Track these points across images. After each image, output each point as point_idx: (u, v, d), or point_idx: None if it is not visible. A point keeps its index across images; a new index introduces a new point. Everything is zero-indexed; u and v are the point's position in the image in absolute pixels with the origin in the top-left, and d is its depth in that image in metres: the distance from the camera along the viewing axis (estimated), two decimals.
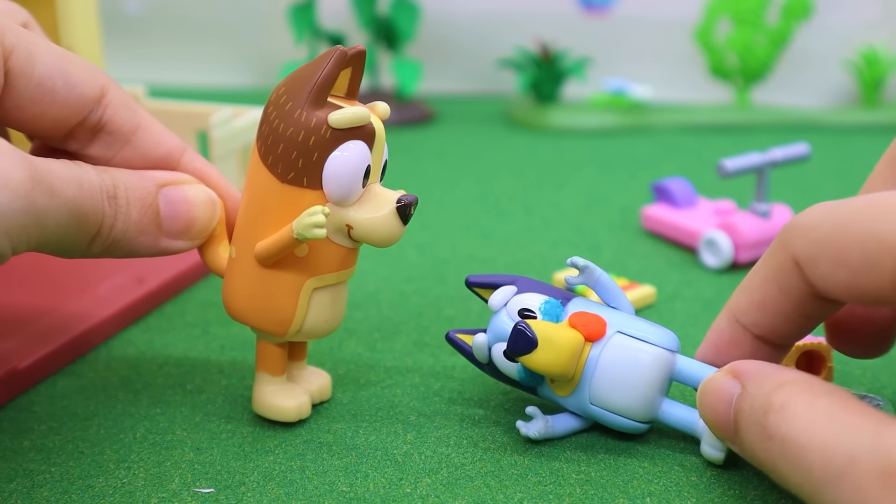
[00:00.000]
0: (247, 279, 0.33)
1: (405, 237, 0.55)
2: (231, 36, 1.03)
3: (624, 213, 0.60)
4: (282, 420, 0.35)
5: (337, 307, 0.34)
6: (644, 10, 0.94)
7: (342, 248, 0.33)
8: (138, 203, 0.33)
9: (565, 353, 0.31)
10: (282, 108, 0.31)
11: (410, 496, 0.31)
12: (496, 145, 0.79)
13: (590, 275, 0.34)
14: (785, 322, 0.30)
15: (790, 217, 0.51)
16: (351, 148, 0.31)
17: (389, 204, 0.32)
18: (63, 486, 0.31)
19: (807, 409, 0.26)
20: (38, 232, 0.29)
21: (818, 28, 0.90)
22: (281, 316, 0.33)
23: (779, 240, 0.30)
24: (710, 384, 0.30)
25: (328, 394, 0.37)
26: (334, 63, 0.31)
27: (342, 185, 0.31)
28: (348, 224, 0.32)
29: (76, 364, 0.40)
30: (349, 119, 0.31)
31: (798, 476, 0.25)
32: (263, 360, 0.35)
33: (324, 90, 0.31)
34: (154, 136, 0.35)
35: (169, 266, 0.46)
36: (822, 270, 0.28)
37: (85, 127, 0.34)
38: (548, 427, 0.34)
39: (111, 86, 0.34)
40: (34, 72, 0.32)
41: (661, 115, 0.85)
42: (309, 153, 0.31)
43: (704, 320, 0.44)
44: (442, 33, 0.98)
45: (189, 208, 0.34)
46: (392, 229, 0.32)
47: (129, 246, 0.33)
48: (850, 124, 0.85)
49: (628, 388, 0.32)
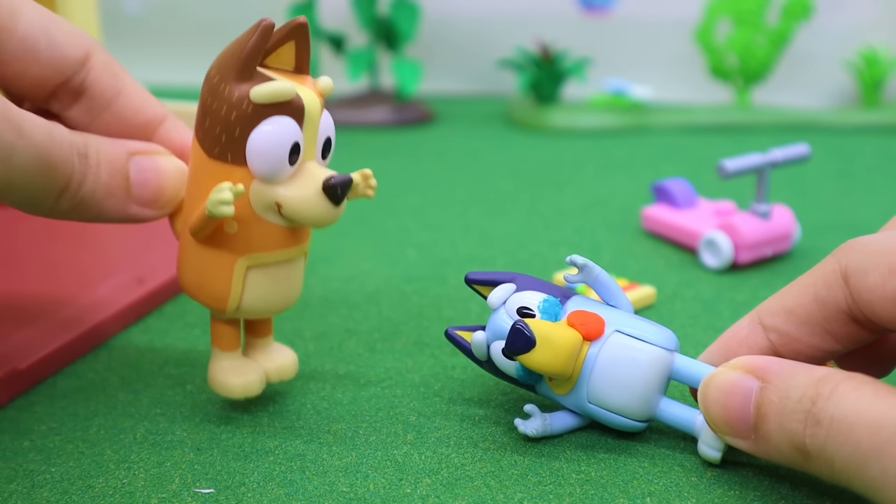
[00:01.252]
0: (187, 254, 0.33)
1: (405, 237, 0.55)
2: (231, 36, 1.02)
3: (624, 214, 0.60)
4: (227, 397, 0.34)
5: (281, 287, 0.33)
6: (644, 10, 0.94)
7: (277, 227, 0.32)
8: (108, 166, 0.33)
9: (563, 352, 0.31)
10: (210, 82, 0.31)
11: (410, 496, 0.31)
12: (496, 145, 0.79)
13: (588, 273, 0.34)
14: (807, 334, 0.31)
15: (790, 217, 0.51)
16: (275, 123, 0.30)
17: (317, 183, 0.30)
18: (63, 487, 0.31)
19: (854, 392, 0.27)
20: (2, 168, 0.29)
21: (818, 28, 0.90)
22: (217, 292, 0.32)
23: (831, 254, 0.31)
24: (718, 379, 0.30)
25: (289, 373, 0.36)
26: (259, 36, 0.30)
27: (266, 162, 0.30)
28: (277, 202, 0.31)
29: (76, 364, 0.40)
30: (270, 93, 0.29)
31: (845, 452, 0.26)
32: (214, 335, 0.34)
33: (249, 63, 0.30)
34: (134, 104, 0.35)
35: (169, 266, 0.46)
36: (872, 281, 0.28)
37: (67, 89, 0.34)
38: (546, 425, 0.34)
39: (97, 50, 0.34)
40: (17, 27, 0.32)
41: (661, 115, 0.85)
42: (231, 128, 0.30)
43: (704, 321, 0.44)
44: (442, 33, 0.98)
45: (158, 177, 0.34)
46: (321, 209, 0.31)
47: (97, 208, 0.33)
48: (850, 124, 0.85)
49: (626, 388, 0.32)
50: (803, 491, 0.31)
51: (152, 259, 0.47)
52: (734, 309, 0.45)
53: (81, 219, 0.33)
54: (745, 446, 0.30)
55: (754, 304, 0.46)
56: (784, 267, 0.51)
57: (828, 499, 0.30)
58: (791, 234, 0.51)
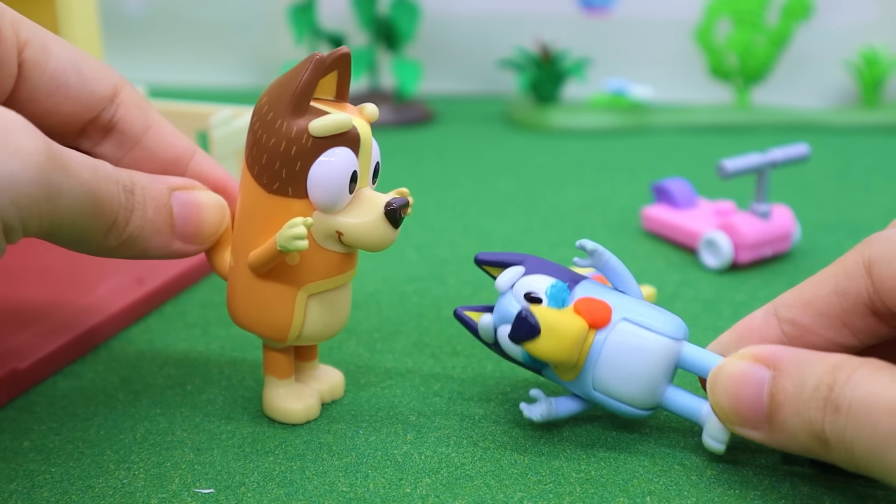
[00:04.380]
0: (244, 287, 0.33)
1: (405, 237, 0.55)
2: (231, 36, 1.03)
3: (624, 214, 0.60)
4: (290, 422, 0.35)
5: (337, 311, 0.34)
6: (644, 10, 0.94)
7: (335, 253, 0.32)
8: (153, 202, 0.32)
9: (568, 341, 0.31)
10: (264, 119, 0.31)
11: (410, 496, 0.31)
12: (496, 145, 0.79)
13: (598, 258, 0.34)
14: (824, 327, 0.31)
15: (790, 217, 0.51)
16: (335, 155, 0.30)
17: (378, 209, 0.31)
18: (63, 487, 0.31)
19: (871, 377, 0.26)
20: (50, 209, 0.28)
21: (818, 28, 0.90)
22: (278, 323, 0.33)
23: (854, 248, 0.30)
24: (728, 369, 0.30)
25: (340, 392, 0.37)
26: (312, 71, 0.30)
27: (328, 193, 0.31)
28: (338, 230, 0.32)
29: (76, 364, 0.40)
30: (329, 126, 0.30)
31: (865, 437, 0.26)
32: (269, 364, 0.35)
33: (303, 99, 0.30)
34: (165, 138, 0.35)
35: (169, 266, 0.46)
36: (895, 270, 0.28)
37: (97, 125, 0.34)
38: (551, 410, 0.34)
39: (125, 85, 0.34)
40: (48, 64, 0.32)
41: (661, 115, 0.86)
42: (292, 163, 0.30)
43: (704, 320, 0.44)
44: (442, 33, 0.98)
45: (199, 212, 0.34)
46: (382, 234, 0.32)
47: (144, 244, 0.33)
48: (850, 124, 0.85)
49: (632, 376, 0.32)
50: (803, 491, 0.31)
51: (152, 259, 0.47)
52: (734, 309, 0.45)
53: (127, 256, 0.33)
54: (757, 436, 0.29)
55: (754, 304, 0.46)
56: (784, 267, 0.51)
57: (827, 499, 0.30)
58: (791, 234, 0.51)
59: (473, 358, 0.40)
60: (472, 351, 0.41)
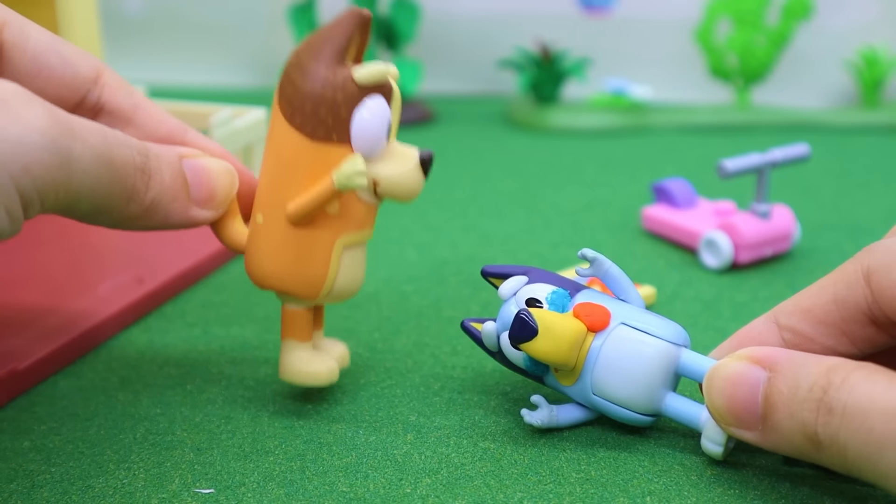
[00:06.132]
0: (278, 242, 0.33)
1: (405, 237, 0.55)
2: (231, 36, 1.03)
3: (624, 214, 0.60)
4: (313, 385, 0.35)
5: (360, 268, 0.35)
6: (644, 10, 0.94)
7: (366, 204, 0.33)
8: (169, 168, 0.32)
9: (565, 341, 0.31)
10: (305, 69, 0.32)
11: (410, 496, 0.31)
12: (496, 145, 0.79)
13: (599, 266, 0.34)
14: (823, 335, 0.31)
15: (790, 217, 0.51)
16: (376, 102, 0.32)
17: (413, 159, 0.33)
18: (63, 487, 0.31)
19: (866, 380, 0.26)
20: (64, 177, 0.28)
21: (818, 28, 0.90)
22: (314, 276, 0.33)
23: (853, 257, 0.30)
24: (723, 370, 0.30)
25: (347, 361, 0.37)
26: (355, 24, 0.32)
27: (370, 139, 0.32)
28: (374, 180, 0.33)
29: (76, 364, 0.40)
30: (374, 74, 0.32)
31: (859, 440, 0.26)
32: (291, 326, 0.35)
33: (346, 48, 0.32)
34: (155, 116, 0.35)
35: (169, 266, 0.46)
36: (894, 278, 0.28)
37: (85, 108, 0.34)
38: (552, 416, 0.34)
39: (105, 68, 0.34)
40: (28, 45, 0.32)
41: (661, 115, 0.86)
42: (337, 109, 0.32)
43: (704, 321, 0.44)
44: (442, 33, 0.98)
45: (210, 177, 0.34)
46: (416, 182, 0.33)
47: (164, 211, 0.32)
48: (850, 124, 0.85)
49: (629, 380, 0.32)
50: (803, 491, 0.31)
51: (152, 259, 0.47)
52: (734, 309, 0.45)
53: (148, 226, 0.32)
54: (752, 438, 0.29)
55: (754, 304, 0.46)
56: (784, 267, 0.51)
57: (827, 499, 0.30)
58: (791, 233, 0.51)
59: (473, 358, 0.40)
60: (472, 351, 0.41)
